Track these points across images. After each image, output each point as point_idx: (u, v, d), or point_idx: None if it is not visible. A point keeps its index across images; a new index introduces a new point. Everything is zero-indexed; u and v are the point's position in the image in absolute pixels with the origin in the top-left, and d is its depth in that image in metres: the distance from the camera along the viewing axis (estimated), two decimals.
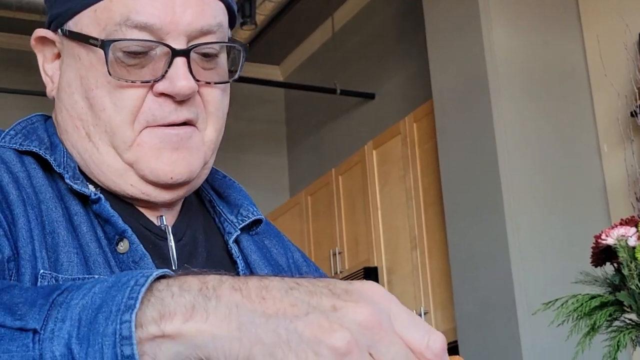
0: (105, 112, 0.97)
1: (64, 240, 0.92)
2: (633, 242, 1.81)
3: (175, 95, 0.96)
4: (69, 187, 0.98)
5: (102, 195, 0.97)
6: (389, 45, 5.46)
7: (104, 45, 0.95)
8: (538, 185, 3.81)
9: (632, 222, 1.85)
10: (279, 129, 6.72)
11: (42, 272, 0.88)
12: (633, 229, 1.82)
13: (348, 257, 5.10)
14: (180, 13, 0.96)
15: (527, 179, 3.80)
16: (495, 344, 3.68)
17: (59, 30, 1.01)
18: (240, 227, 1.08)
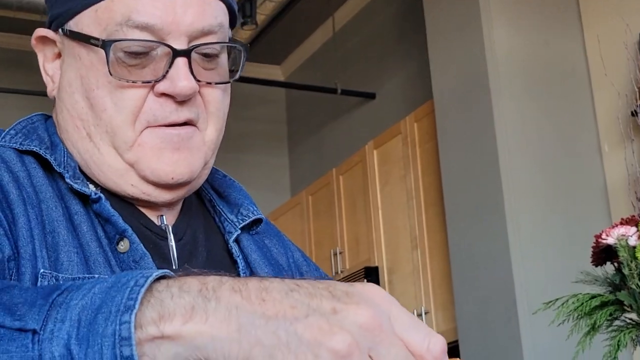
0: (106, 112, 0.97)
1: (64, 240, 0.92)
2: (633, 241, 1.81)
3: (176, 96, 0.96)
4: (69, 186, 0.97)
5: (102, 195, 0.97)
6: (390, 45, 5.46)
7: (105, 46, 0.95)
8: (538, 185, 3.81)
9: (632, 221, 1.85)
10: (280, 129, 6.72)
11: (42, 271, 0.88)
12: (633, 229, 1.82)
13: (349, 257, 5.09)
14: (182, 13, 0.96)
15: (527, 179, 3.79)
16: (496, 344, 3.68)
17: (60, 30, 1.01)
18: (241, 226, 1.08)
